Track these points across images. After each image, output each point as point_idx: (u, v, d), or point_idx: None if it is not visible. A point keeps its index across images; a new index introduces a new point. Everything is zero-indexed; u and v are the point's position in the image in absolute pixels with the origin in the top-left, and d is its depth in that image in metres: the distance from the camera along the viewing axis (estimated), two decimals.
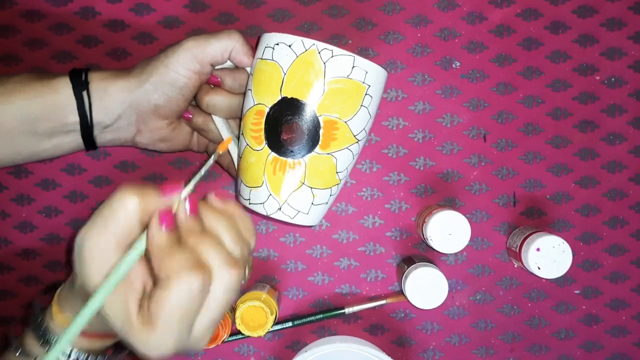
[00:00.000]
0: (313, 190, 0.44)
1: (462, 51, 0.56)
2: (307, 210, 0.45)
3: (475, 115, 0.56)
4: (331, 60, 0.42)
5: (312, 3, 0.56)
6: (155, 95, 0.46)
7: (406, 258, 0.56)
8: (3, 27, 0.55)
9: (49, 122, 0.45)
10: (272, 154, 0.43)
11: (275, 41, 0.43)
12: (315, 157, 0.43)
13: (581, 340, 0.57)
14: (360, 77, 0.43)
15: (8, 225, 0.56)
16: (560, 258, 0.50)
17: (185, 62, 0.45)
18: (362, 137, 0.45)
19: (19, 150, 0.46)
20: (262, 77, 0.44)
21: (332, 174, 0.45)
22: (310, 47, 0.42)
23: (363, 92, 0.43)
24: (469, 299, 0.57)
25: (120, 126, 0.47)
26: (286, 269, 0.57)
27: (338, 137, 0.43)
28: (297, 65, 0.42)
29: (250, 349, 0.57)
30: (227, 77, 0.47)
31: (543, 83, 0.56)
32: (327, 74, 0.42)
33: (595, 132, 0.57)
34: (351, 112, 0.43)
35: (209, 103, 0.47)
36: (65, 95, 0.45)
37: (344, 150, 0.44)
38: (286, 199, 0.44)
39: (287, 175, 0.43)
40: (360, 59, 0.42)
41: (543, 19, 0.56)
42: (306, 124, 0.42)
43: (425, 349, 0.57)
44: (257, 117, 0.44)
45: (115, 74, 0.47)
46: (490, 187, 0.57)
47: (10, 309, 0.56)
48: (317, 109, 0.42)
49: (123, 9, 0.55)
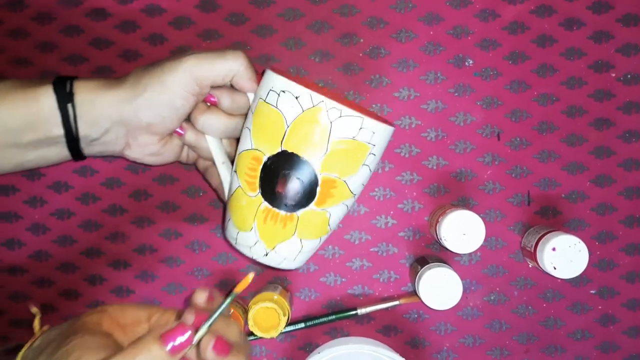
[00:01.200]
0: (302, 241, 0.43)
1: (475, 49, 0.56)
2: (293, 257, 0.44)
3: (488, 114, 0.56)
4: (338, 121, 0.40)
5: (324, 2, 0.55)
6: (148, 113, 0.43)
7: (419, 258, 0.55)
8: (14, 31, 0.55)
9: (33, 133, 0.42)
10: (264, 203, 0.42)
11: (281, 87, 0.41)
12: (308, 212, 0.42)
13: (597, 341, 0.56)
14: (367, 138, 0.41)
15: (21, 227, 0.56)
16: (577, 258, 0.49)
17: (184, 83, 0.42)
18: (359, 191, 0.44)
19: (4, 161, 0.44)
20: (263, 121, 0.42)
21: (324, 226, 0.43)
22: (318, 104, 0.40)
23: (367, 152, 0.42)
24: (483, 300, 0.56)
25: (108, 140, 0.45)
26: (298, 269, 0.56)
27: (335, 194, 0.42)
28: (302, 120, 0.40)
29: (263, 350, 0.56)
30: (225, 98, 0.45)
31: (558, 80, 0.56)
32: (333, 134, 0.40)
33: (611, 129, 0.56)
34: (352, 171, 0.42)
35: (204, 124, 0.45)
36: (48, 108, 0.42)
37: (339, 206, 0.43)
38: (274, 247, 0.43)
39: (277, 226, 0.42)
40: (368, 121, 0.41)
41: (557, 15, 0.55)
42: (304, 180, 0.41)
43: (439, 350, 0.56)
44: (254, 162, 0.42)
45: (104, 85, 0.43)
46: (504, 186, 0.56)
47: (22, 312, 0.56)
48: (317, 167, 0.41)
49: (134, 9, 0.55)
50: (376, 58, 0.56)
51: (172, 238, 0.56)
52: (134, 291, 0.56)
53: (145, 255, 0.56)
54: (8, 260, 0.56)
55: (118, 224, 0.56)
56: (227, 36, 0.55)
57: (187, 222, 0.56)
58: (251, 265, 0.56)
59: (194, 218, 0.56)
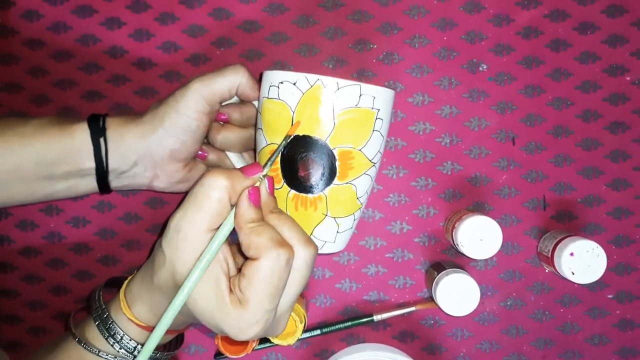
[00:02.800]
0: (337, 220, 0.44)
1: (489, 54, 0.56)
2: (333, 239, 0.45)
3: (503, 119, 0.56)
4: (338, 93, 0.41)
5: (337, 8, 0.55)
6: (170, 141, 0.46)
7: (435, 264, 0.55)
8: (33, 69, 0.56)
9: (65, 166, 0.45)
10: (291, 191, 0.43)
11: (279, 80, 0.43)
12: (334, 189, 0.43)
13: (616, 346, 0.56)
14: (369, 103, 0.42)
15: (37, 235, 0.56)
16: (595, 262, 0.49)
17: (195, 105, 0.45)
18: (378, 159, 0.45)
19: (34, 192, 0.46)
20: (270, 116, 0.43)
21: (354, 200, 0.44)
22: (316, 83, 0.41)
23: (373, 118, 0.43)
24: (500, 305, 0.56)
25: (137, 172, 0.47)
26: (313, 276, 0.56)
27: (354, 165, 0.43)
28: (305, 102, 0.42)
29: (279, 357, 0.56)
30: (235, 113, 0.47)
31: (572, 85, 0.56)
32: (336, 107, 0.41)
33: (626, 133, 0.56)
34: (364, 139, 0.43)
35: (222, 141, 0.48)
36: (83, 141, 0.45)
37: (362, 177, 0.44)
38: (311, 232, 0.44)
39: (309, 210, 0.43)
40: (366, 86, 0.42)
41: (571, 19, 0.55)
42: (321, 158, 0.42)
43: (456, 356, 0.56)
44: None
45: (130, 120, 0.46)
46: (520, 190, 0.56)
47: (41, 319, 0.56)
48: (330, 142, 0.42)
49: (150, 47, 0.56)
50: (390, 64, 0.56)
51: None
52: None
53: None
54: (28, 295, 0.56)
55: (133, 231, 0.56)
56: (241, 44, 0.56)
57: None
58: None
59: None
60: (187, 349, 0.56)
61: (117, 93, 0.56)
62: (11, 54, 0.56)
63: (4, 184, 0.45)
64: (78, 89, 0.56)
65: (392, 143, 0.56)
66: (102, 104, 0.56)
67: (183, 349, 0.56)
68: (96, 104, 0.56)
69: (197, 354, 0.56)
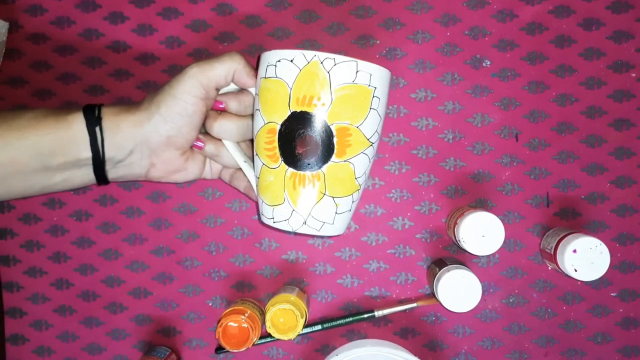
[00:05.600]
0: (335, 200, 0.44)
1: (493, 50, 0.55)
2: (331, 220, 0.45)
3: (506, 115, 0.55)
4: (335, 69, 0.42)
5: (340, 4, 0.55)
6: (166, 127, 0.46)
7: (437, 260, 0.55)
8: (37, 63, 0.56)
9: (62, 157, 0.45)
10: (289, 169, 0.43)
11: (276, 58, 0.43)
12: (332, 166, 0.43)
13: (619, 345, 0.56)
14: (366, 80, 0.42)
15: (40, 229, 0.56)
16: (598, 260, 0.49)
17: (192, 90, 0.45)
18: (376, 139, 0.45)
19: (32, 185, 0.46)
20: (268, 95, 0.44)
21: (352, 180, 0.44)
22: (313, 59, 0.42)
23: (370, 95, 0.43)
24: (502, 302, 0.56)
25: (133, 161, 0.47)
26: (315, 271, 0.56)
27: (352, 143, 0.43)
28: (302, 78, 0.42)
29: (280, 352, 0.56)
30: (232, 101, 0.48)
31: (576, 81, 0.55)
32: (333, 82, 0.42)
33: (631, 130, 0.55)
34: (361, 116, 0.43)
35: (219, 129, 0.48)
36: (79, 131, 0.45)
37: (360, 155, 0.44)
38: (309, 212, 0.44)
39: (307, 188, 0.43)
40: (363, 63, 0.42)
41: (576, 15, 0.55)
42: (319, 135, 0.42)
43: (457, 353, 0.56)
44: (270, 135, 0.44)
45: (126, 109, 0.46)
46: (523, 187, 0.55)
47: (44, 313, 0.56)
48: (328, 118, 0.42)
49: (154, 41, 0.56)
50: (393, 59, 0.56)
51: (190, 240, 0.56)
52: (152, 292, 0.56)
53: (163, 257, 0.56)
54: (31, 288, 0.56)
55: (135, 225, 0.56)
56: (244, 39, 0.56)
57: (204, 223, 0.56)
58: (267, 266, 0.56)
59: (211, 220, 0.56)
60: (188, 343, 0.56)
61: (119, 87, 0.56)
62: (15, 48, 0.56)
63: (1, 178, 0.45)
64: (81, 83, 0.56)
65: (394, 139, 0.56)
66: (104, 98, 0.56)
67: (184, 343, 0.56)
68: (99, 98, 0.56)
69: (198, 348, 0.56)
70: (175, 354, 0.56)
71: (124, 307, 0.56)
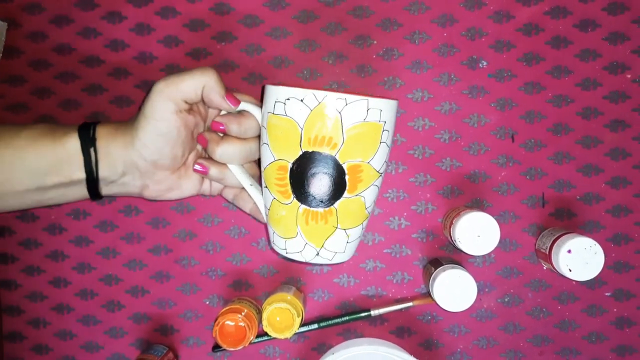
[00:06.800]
0: (347, 231, 0.45)
1: (489, 50, 0.55)
2: (343, 249, 0.46)
3: (502, 116, 0.56)
4: (346, 109, 0.41)
5: (337, 4, 0.56)
6: (149, 152, 0.45)
7: (433, 260, 0.55)
8: (35, 61, 0.56)
9: (56, 176, 0.45)
10: (302, 206, 0.43)
11: (285, 96, 0.42)
12: (344, 202, 0.43)
13: (613, 344, 0.56)
14: (376, 117, 0.42)
15: (37, 227, 0.57)
16: (592, 260, 0.49)
17: (159, 105, 0.44)
18: (384, 169, 0.45)
19: (25, 201, 0.46)
20: (278, 132, 0.43)
21: (362, 211, 0.45)
22: (323, 99, 0.41)
23: (380, 130, 0.43)
24: (497, 302, 0.56)
25: (126, 182, 0.47)
26: (311, 270, 0.57)
27: (363, 178, 0.43)
28: (313, 119, 0.42)
29: (276, 350, 0.57)
30: (233, 124, 0.47)
31: (572, 82, 0.56)
32: (345, 122, 0.41)
33: (626, 131, 0.56)
34: (372, 151, 0.43)
35: (222, 154, 0.47)
36: (74, 151, 0.45)
37: (370, 188, 0.44)
38: (322, 245, 0.45)
39: (320, 224, 0.44)
40: (373, 100, 0.42)
41: (572, 16, 0.55)
42: (331, 174, 0.42)
43: (453, 352, 0.56)
44: (281, 172, 0.44)
45: (117, 129, 0.46)
46: (519, 188, 0.56)
47: (42, 311, 0.57)
48: (340, 157, 0.42)
49: (151, 41, 0.56)
50: (390, 60, 0.56)
51: (187, 239, 0.57)
52: (150, 291, 0.57)
53: (160, 255, 0.57)
54: (29, 287, 0.57)
55: (133, 223, 0.56)
56: (242, 38, 0.56)
57: (201, 222, 0.56)
58: (264, 265, 0.56)
59: (208, 219, 0.56)
60: (185, 342, 0.57)
61: (118, 86, 0.56)
62: (13, 46, 0.56)
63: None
64: (80, 82, 0.56)
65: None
66: (103, 97, 0.56)
67: (182, 341, 0.57)
68: (97, 97, 0.56)
69: (195, 347, 0.57)
70: (173, 352, 0.56)
71: (122, 305, 0.57)
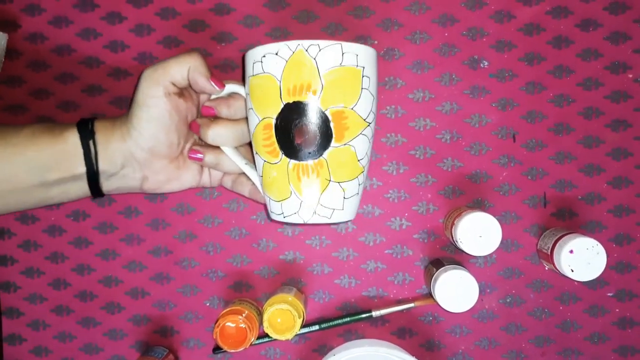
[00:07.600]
0: (341, 185, 0.44)
1: (490, 50, 0.55)
2: (341, 206, 0.45)
3: (504, 115, 0.56)
4: (320, 54, 0.42)
5: (337, 4, 0.55)
6: (144, 139, 0.46)
7: (434, 260, 0.55)
8: (34, 63, 0.56)
9: (58, 172, 0.45)
10: (291, 161, 0.43)
11: (261, 54, 0.43)
12: (333, 152, 0.43)
13: (615, 344, 0.56)
14: (353, 61, 0.43)
15: (37, 228, 0.56)
16: (595, 260, 0.49)
17: (149, 91, 0.45)
18: (372, 119, 0.45)
19: (28, 199, 0.46)
20: (259, 91, 0.44)
21: (355, 163, 0.44)
22: (297, 48, 0.42)
23: (360, 75, 0.43)
24: (499, 302, 0.56)
25: (126, 174, 0.47)
26: (312, 271, 0.56)
27: (349, 125, 0.43)
28: (289, 69, 0.42)
29: (277, 352, 0.56)
30: (222, 106, 0.47)
31: (574, 82, 0.55)
32: (321, 68, 0.42)
33: (628, 131, 0.55)
34: (354, 97, 0.43)
35: (214, 136, 0.47)
36: (74, 145, 0.46)
37: (359, 137, 0.44)
38: (318, 200, 0.44)
39: (312, 177, 0.43)
40: (347, 45, 0.42)
41: (573, 16, 0.55)
42: (315, 122, 0.42)
43: (455, 353, 0.56)
44: (266, 131, 0.44)
45: (113, 124, 0.47)
46: (520, 188, 0.56)
47: (41, 313, 0.56)
48: (321, 104, 0.42)
49: (151, 41, 0.56)
50: (391, 60, 0.56)
51: (187, 240, 0.56)
52: (150, 293, 0.56)
53: (160, 257, 0.56)
54: (28, 289, 0.56)
55: (133, 225, 0.56)
56: (242, 39, 0.56)
57: (201, 224, 0.56)
58: (265, 266, 0.56)
59: (208, 220, 0.56)
60: (186, 343, 0.56)
61: (117, 87, 0.56)
62: (12, 48, 0.56)
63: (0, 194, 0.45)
64: (79, 82, 0.56)
65: (392, 139, 0.56)
66: (102, 98, 0.56)
67: (182, 343, 0.56)
68: (97, 98, 0.56)
69: (196, 349, 0.56)
70: (173, 354, 0.56)
71: (122, 307, 0.56)
